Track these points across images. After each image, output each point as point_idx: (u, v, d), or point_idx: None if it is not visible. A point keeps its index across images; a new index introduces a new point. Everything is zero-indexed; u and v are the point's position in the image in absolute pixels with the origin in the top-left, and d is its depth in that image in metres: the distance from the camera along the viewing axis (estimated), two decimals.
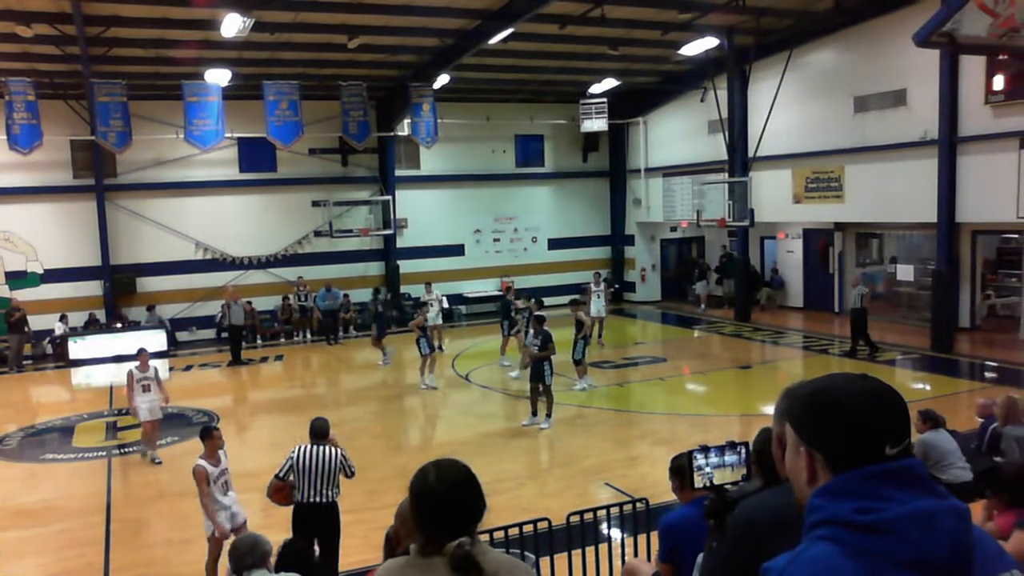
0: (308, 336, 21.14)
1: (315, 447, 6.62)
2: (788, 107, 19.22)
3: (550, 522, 6.56)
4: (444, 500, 2.19)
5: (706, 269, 24.56)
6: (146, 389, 10.91)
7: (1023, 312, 17.29)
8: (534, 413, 12.09)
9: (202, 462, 7.02)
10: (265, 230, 21.96)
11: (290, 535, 6.36)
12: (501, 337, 16.90)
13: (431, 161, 23.55)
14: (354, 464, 6.88)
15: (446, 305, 20.36)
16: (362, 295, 22.56)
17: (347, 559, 7.23)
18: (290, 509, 6.68)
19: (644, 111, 24.59)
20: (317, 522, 6.48)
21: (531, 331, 13.35)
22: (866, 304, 15.78)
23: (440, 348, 18.48)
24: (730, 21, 18.11)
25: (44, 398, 17.00)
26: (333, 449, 6.69)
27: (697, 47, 18.44)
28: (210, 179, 21.36)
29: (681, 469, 3.83)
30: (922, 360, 15.60)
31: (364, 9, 15.33)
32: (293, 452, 6.60)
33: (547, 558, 6.53)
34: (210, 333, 21.18)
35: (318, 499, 6.53)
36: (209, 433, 7.19)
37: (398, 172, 23.01)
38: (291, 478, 6.57)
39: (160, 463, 10.97)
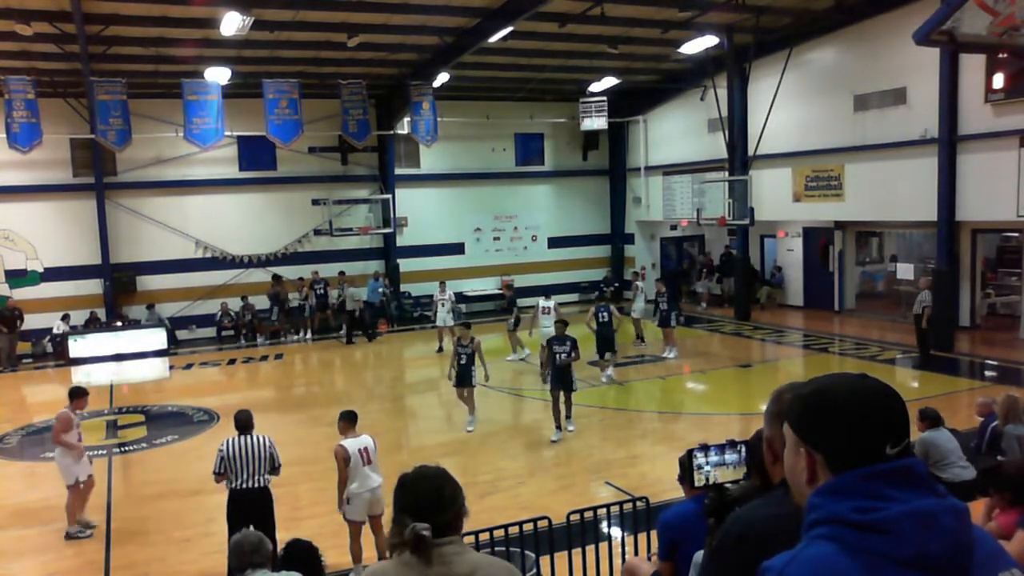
0: (309, 334, 21.14)
1: (242, 438, 7.02)
2: (788, 105, 19.22)
3: (550, 520, 6.57)
4: (413, 488, 2.33)
5: (702, 268, 24.55)
6: (80, 438, 8.71)
7: (1023, 311, 17.29)
8: (559, 427, 11.35)
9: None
10: (265, 229, 21.96)
11: (291, 535, 6.36)
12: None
13: (431, 160, 23.55)
14: (280, 460, 7.20)
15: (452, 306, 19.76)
16: (358, 294, 22.63)
17: (349, 556, 7.25)
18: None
19: (644, 109, 24.58)
20: (251, 506, 6.78)
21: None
22: (928, 312, 14.96)
23: (442, 348, 18.52)
24: (730, 19, 18.10)
25: (44, 397, 16.99)
26: (261, 437, 7.10)
27: (697, 45, 18.42)
28: (210, 178, 21.36)
29: (683, 466, 3.83)
30: (922, 359, 15.59)
31: (364, 7, 15.32)
32: (222, 446, 7.01)
33: (547, 556, 6.54)
34: (210, 332, 21.18)
35: (249, 484, 6.91)
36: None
37: (398, 171, 23.01)
38: (224, 470, 6.98)
39: (92, 531, 8.68)
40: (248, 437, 7.04)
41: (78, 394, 8.70)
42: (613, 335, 14.81)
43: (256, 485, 6.94)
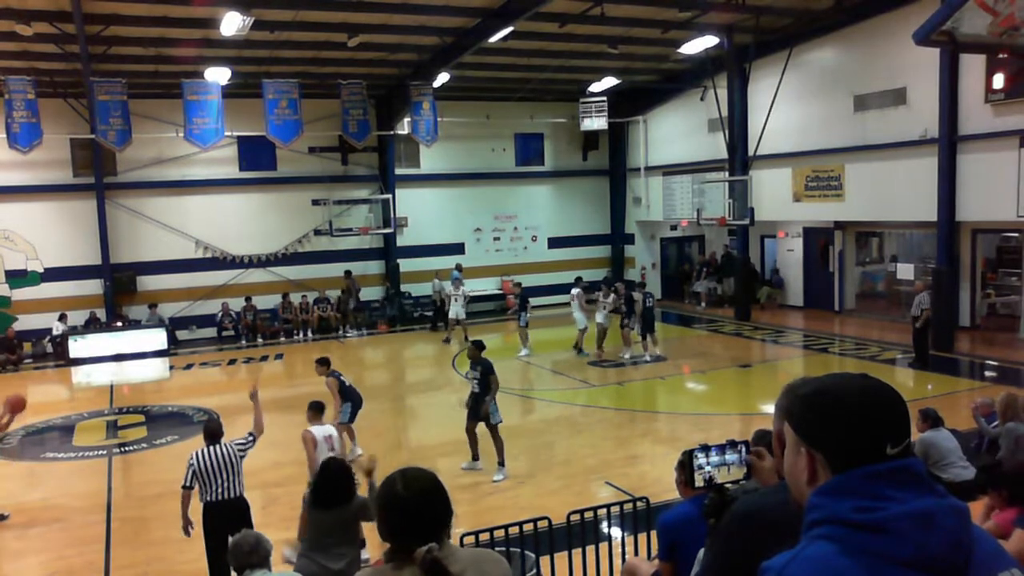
0: (309, 334, 21.14)
1: (212, 447, 6.78)
2: (788, 106, 19.22)
3: (550, 521, 6.56)
4: (412, 509, 2.23)
5: (703, 268, 24.53)
6: None
7: (1023, 311, 17.29)
8: (475, 457, 10.20)
9: None
10: (265, 229, 21.96)
11: (292, 535, 6.39)
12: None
13: (431, 160, 23.55)
14: (249, 443, 6.98)
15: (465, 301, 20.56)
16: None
17: None
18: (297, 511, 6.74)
19: (644, 110, 24.58)
20: (229, 517, 6.50)
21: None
22: (928, 315, 14.61)
23: (448, 341, 19.30)
24: (730, 19, 18.11)
25: (44, 397, 16.97)
26: (229, 446, 6.86)
27: (697, 45, 18.43)
28: (210, 178, 21.36)
29: (683, 466, 3.83)
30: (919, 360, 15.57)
31: (364, 7, 15.33)
32: (192, 459, 6.73)
33: (547, 557, 6.54)
34: (210, 332, 21.19)
35: (226, 495, 6.70)
36: None
37: (398, 171, 23.01)
38: (196, 485, 6.73)
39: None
40: (218, 447, 6.79)
41: None
42: (654, 318, 16.52)
43: (233, 495, 6.72)
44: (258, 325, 21.06)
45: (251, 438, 7.03)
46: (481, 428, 10.02)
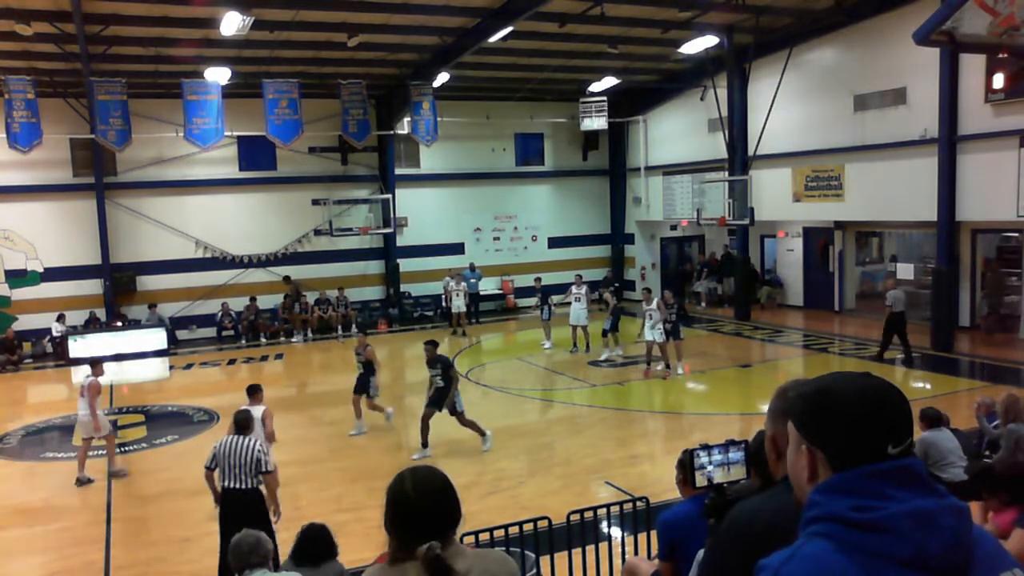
0: (309, 334, 21.12)
1: (236, 438, 7.07)
2: (788, 105, 19.21)
3: (550, 521, 6.57)
4: (420, 508, 2.22)
5: (703, 268, 24.54)
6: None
7: (1023, 311, 17.29)
8: (424, 445, 10.78)
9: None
10: (265, 229, 21.96)
11: (292, 535, 6.37)
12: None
13: (431, 160, 23.55)
14: (271, 462, 7.20)
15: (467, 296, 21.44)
16: (357, 294, 22.69)
17: (348, 556, 7.21)
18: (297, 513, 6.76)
19: (644, 109, 24.58)
20: (238, 507, 6.78)
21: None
22: (901, 307, 14.88)
23: (455, 333, 20.28)
24: (730, 19, 18.11)
25: (44, 397, 17.00)
26: (254, 441, 7.13)
27: (697, 45, 18.43)
28: (210, 178, 21.36)
29: (684, 465, 3.83)
30: (922, 359, 15.56)
31: (364, 7, 15.33)
32: (217, 443, 7.10)
33: (547, 557, 6.54)
34: (210, 331, 21.19)
35: (237, 485, 6.91)
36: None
37: (398, 171, 23.01)
38: (216, 466, 7.07)
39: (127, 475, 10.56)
40: (240, 438, 7.02)
41: (99, 363, 10.72)
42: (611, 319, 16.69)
43: (243, 487, 6.87)
44: (259, 325, 21.06)
45: (266, 466, 7.17)
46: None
